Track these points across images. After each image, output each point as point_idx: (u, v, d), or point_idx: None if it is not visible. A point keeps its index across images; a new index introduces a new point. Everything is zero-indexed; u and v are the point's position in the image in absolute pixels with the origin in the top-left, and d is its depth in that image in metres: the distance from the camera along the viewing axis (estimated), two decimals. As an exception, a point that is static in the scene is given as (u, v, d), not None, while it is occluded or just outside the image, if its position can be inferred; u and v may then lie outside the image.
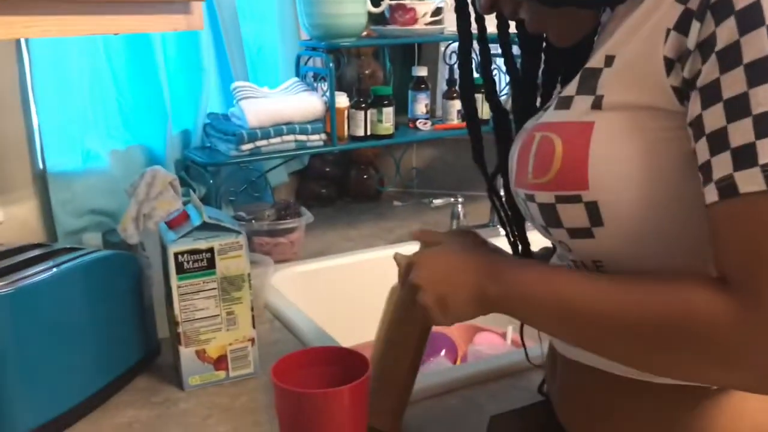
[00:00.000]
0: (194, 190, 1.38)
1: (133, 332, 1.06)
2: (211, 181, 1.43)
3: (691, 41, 0.55)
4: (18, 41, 1.13)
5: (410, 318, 0.82)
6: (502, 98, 0.85)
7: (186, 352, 1.01)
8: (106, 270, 1.02)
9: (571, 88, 0.64)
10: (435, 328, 1.34)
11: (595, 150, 0.60)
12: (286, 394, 0.71)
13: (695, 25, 0.54)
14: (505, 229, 0.84)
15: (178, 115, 1.46)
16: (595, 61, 0.62)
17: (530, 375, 1.02)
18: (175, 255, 0.98)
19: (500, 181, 0.82)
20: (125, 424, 0.94)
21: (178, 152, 1.45)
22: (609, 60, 0.61)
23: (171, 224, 1.03)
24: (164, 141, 1.39)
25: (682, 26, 0.55)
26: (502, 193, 0.83)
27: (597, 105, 0.61)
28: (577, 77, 0.64)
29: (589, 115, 0.61)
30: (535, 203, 0.65)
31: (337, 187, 1.94)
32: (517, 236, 0.84)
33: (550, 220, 0.65)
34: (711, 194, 0.54)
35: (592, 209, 0.61)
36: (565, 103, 0.64)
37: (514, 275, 0.68)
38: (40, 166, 1.15)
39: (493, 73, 0.84)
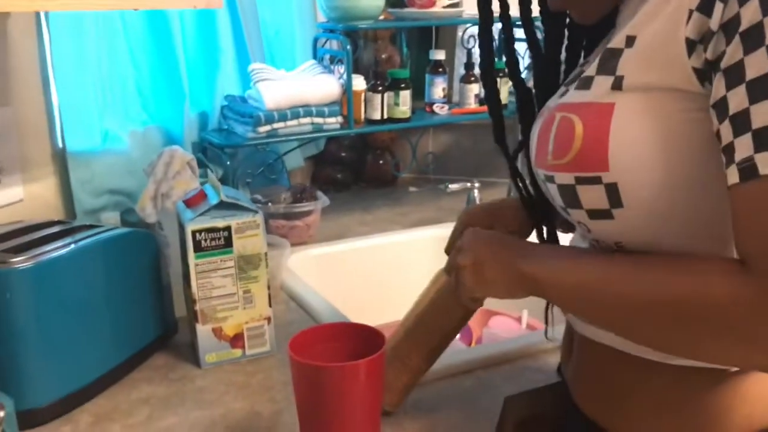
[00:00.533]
0: (212, 171, 1.39)
1: (150, 310, 1.07)
2: (228, 163, 1.43)
3: (715, 22, 0.54)
4: (38, 21, 1.13)
5: (449, 307, 0.82)
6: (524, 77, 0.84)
7: (203, 330, 1.02)
8: (125, 247, 1.03)
9: (591, 69, 0.64)
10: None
11: (616, 131, 0.60)
12: (303, 367, 0.72)
13: (719, 6, 0.54)
14: (528, 211, 0.84)
15: (196, 96, 1.46)
16: (616, 41, 0.62)
17: (545, 357, 1.02)
18: (193, 233, 0.99)
19: (522, 161, 0.83)
20: (142, 400, 0.95)
21: (195, 134, 1.46)
22: (630, 41, 0.60)
23: (189, 203, 1.04)
24: (182, 122, 1.40)
25: (705, 7, 0.55)
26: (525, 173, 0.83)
27: (617, 86, 0.60)
28: (598, 57, 0.64)
29: (610, 96, 0.61)
30: (555, 184, 0.65)
31: (352, 171, 1.94)
32: (542, 217, 0.84)
33: (570, 201, 0.65)
34: (733, 176, 0.54)
35: (612, 191, 0.61)
36: (586, 84, 0.64)
37: (545, 256, 0.69)
38: (60, 145, 1.16)
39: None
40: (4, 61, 1.05)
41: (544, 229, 0.84)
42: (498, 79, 1.71)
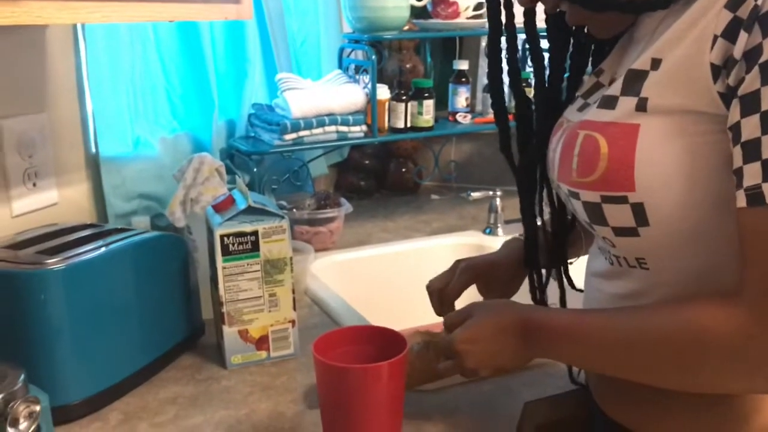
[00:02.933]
0: (240, 177, 1.42)
1: (178, 312, 1.10)
2: (255, 170, 1.46)
3: (738, 50, 0.55)
4: (75, 31, 1.17)
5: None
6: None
7: (229, 332, 1.05)
8: (155, 250, 1.06)
9: (615, 89, 0.65)
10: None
11: (641, 152, 0.61)
12: (327, 368, 0.74)
13: (743, 35, 0.55)
14: (541, 217, 0.87)
15: (224, 104, 1.50)
16: (641, 63, 0.63)
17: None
18: (221, 237, 1.02)
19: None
20: (170, 399, 0.98)
21: (223, 141, 1.49)
22: (655, 63, 0.61)
23: (217, 208, 1.07)
24: (210, 129, 1.44)
25: (729, 34, 0.56)
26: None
27: (642, 107, 0.62)
28: (622, 78, 0.65)
29: (634, 118, 0.62)
30: (580, 201, 0.67)
31: (375, 179, 1.96)
32: (558, 226, 0.86)
33: (595, 218, 0.66)
34: (740, 200, 0.56)
35: (639, 210, 0.62)
36: (610, 103, 0.65)
37: (546, 328, 0.72)
38: (93, 150, 1.20)
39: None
40: (42, 70, 1.09)
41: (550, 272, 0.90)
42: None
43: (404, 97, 1.56)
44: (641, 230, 0.63)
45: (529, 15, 0.82)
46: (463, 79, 1.67)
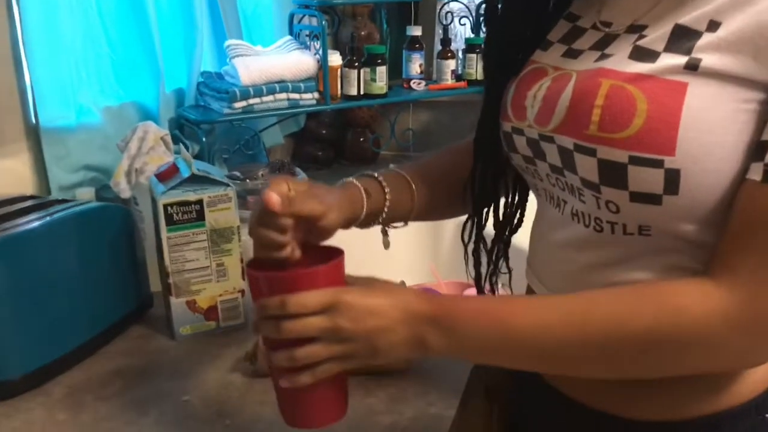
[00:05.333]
0: (188, 148, 1.39)
1: (124, 284, 1.07)
2: (205, 140, 1.44)
3: None
4: (8, -2, 1.13)
5: None
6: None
7: (177, 303, 1.03)
8: (99, 221, 1.04)
9: (655, 42, 0.60)
10: (424, 283, 1.36)
11: (687, 114, 0.56)
12: (263, 281, 0.67)
13: None
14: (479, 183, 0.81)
15: (172, 73, 1.46)
16: (694, 21, 0.58)
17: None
18: (165, 206, 1.00)
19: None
20: (117, 371, 0.96)
21: (171, 110, 1.46)
22: (713, 26, 0.57)
23: (161, 177, 1.04)
24: (157, 98, 1.40)
25: None
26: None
27: (692, 67, 0.57)
28: (664, 32, 0.60)
29: (682, 76, 0.57)
30: (594, 158, 0.60)
31: (333, 149, 1.93)
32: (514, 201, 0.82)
33: (611, 180, 0.60)
34: (755, 172, 0.55)
35: (672, 177, 0.57)
36: (647, 56, 0.60)
37: (473, 312, 0.64)
38: (33, 120, 1.16)
39: None
40: (-27, 37, 1.05)
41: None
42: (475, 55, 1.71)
43: (357, 64, 1.54)
44: (666, 198, 0.58)
45: None
46: (417, 46, 1.65)
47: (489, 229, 0.84)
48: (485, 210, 0.83)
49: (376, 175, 0.82)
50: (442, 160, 0.89)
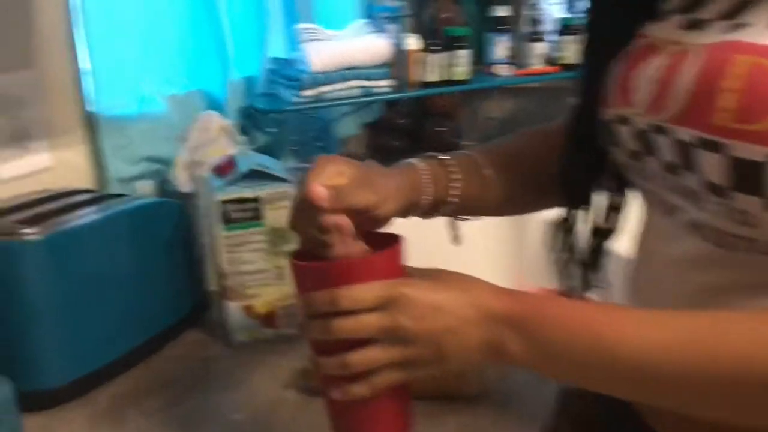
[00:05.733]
0: (255, 140, 1.32)
1: (180, 285, 1.01)
2: (274, 130, 1.36)
3: None
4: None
5: None
6: None
7: (233, 307, 0.96)
8: (152, 218, 0.97)
9: None
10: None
11: None
12: (307, 272, 0.57)
13: None
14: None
15: (241, 59, 1.39)
16: None
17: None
18: (220, 204, 0.92)
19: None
20: (165, 381, 0.89)
21: (240, 99, 1.38)
22: None
23: (217, 171, 0.97)
24: (226, 86, 1.33)
25: None
26: None
27: None
28: None
29: None
30: (725, 155, 0.48)
31: (410, 139, 1.83)
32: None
33: (744, 183, 0.48)
34: None
35: None
36: None
37: (545, 317, 0.53)
38: (91, 109, 1.10)
39: None
40: (28, 21, 0.99)
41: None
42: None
43: (437, 48, 1.42)
44: None
45: None
46: (503, 27, 1.52)
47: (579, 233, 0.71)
48: (577, 213, 0.70)
49: (442, 157, 0.71)
50: (525, 144, 0.78)
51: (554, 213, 0.74)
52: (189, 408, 0.83)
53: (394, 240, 0.60)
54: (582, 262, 0.72)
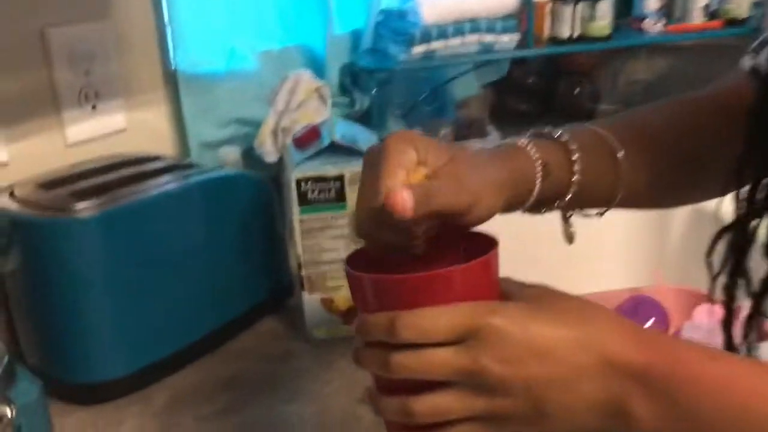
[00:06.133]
0: (355, 102, 1.18)
1: (259, 267, 0.90)
2: (376, 91, 1.21)
3: None
4: None
5: None
6: None
7: (310, 300, 0.83)
8: (231, 192, 0.86)
9: None
10: (645, 290, 1.04)
11: None
12: (366, 285, 0.44)
13: None
14: None
15: (345, 11, 1.24)
16: None
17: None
18: (297, 182, 0.79)
19: None
20: (230, 380, 0.79)
21: (343, 56, 1.24)
22: None
23: (298, 142, 0.84)
24: (326, 42, 1.19)
25: None
26: None
27: None
28: None
29: None
30: None
31: (540, 102, 1.66)
32: None
33: None
34: None
35: None
36: None
37: (686, 373, 0.41)
38: (173, 65, 1.00)
39: None
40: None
41: None
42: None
43: (572, -2, 1.22)
44: None
45: None
46: (656, -27, 1.28)
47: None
48: (755, 223, 0.54)
49: (559, 135, 0.55)
50: (675, 118, 0.62)
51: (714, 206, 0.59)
52: (250, 418, 0.72)
53: (483, 243, 0.46)
54: (752, 285, 0.55)
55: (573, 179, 0.54)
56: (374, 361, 0.43)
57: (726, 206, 0.58)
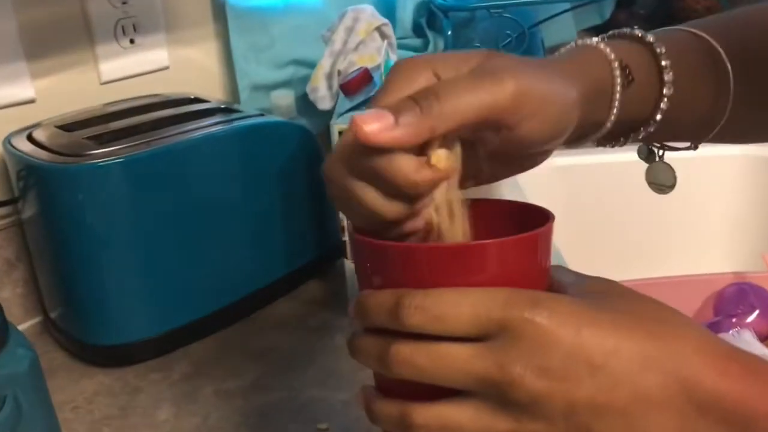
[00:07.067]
0: (428, 44, 1.05)
1: (303, 227, 0.81)
2: (454, 33, 1.07)
3: None
4: None
5: None
6: None
7: (351, 269, 0.74)
8: (273, 142, 0.77)
9: None
10: (751, 277, 0.90)
11: None
12: (376, 254, 0.35)
13: None
14: None
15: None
16: None
17: None
18: (340, 134, 0.68)
19: None
20: (260, 353, 0.71)
21: (421, -10, 1.11)
22: None
23: (347, 88, 0.73)
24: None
25: None
26: None
27: None
28: None
29: None
30: None
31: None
32: None
33: None
34: None
35: None
36: None
37: None
38: (224, -1, 0.91)
39: None
40: None
41: None
42: None
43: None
44: None
45: None
46: None
47: None
48: None
49: (644, 35, 0.44)
50: None
51: None
52: (275, 401, 0.64)
53: (535, 216, 0.36)
54: None
55: (663, 92, 0.42)
56: (371, 353, 0.33)
57: None
